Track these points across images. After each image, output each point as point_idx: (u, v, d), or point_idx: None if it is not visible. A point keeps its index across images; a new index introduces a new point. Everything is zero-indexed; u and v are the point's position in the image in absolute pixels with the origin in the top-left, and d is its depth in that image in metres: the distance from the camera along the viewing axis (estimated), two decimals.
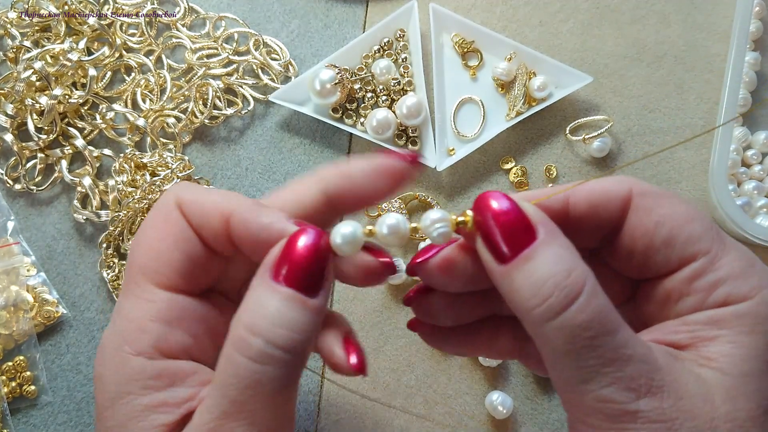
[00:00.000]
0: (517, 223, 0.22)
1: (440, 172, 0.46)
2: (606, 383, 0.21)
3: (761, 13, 0.49)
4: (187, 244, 0.25)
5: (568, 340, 0.21)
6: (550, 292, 0.21)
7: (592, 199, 0.25)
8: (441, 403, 0.43)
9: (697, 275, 0.23)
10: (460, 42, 0.48)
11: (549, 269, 0.21)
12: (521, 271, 0.21)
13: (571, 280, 0.21)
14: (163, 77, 0.47)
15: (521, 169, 0.47)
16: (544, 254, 0.21)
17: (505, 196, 0.23)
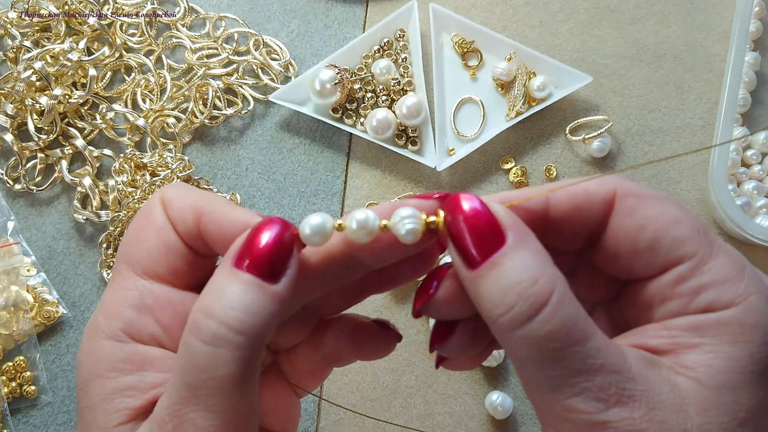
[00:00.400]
0: (486, 226, 0.21)
1: (440, 172, 0.46)
2: (573, 393, 0.20)
3: (761, 13, 0.49)
4: (166, 235, 0.25)
5: (534, 350, 0.20)
6: (515, 302, 0.20)
7: (573, 200, 0.24)
8: (441, 403, 0.44)
9: (682, 279, 0.23)
10: (460, 42, 0.48)
11: (515, 277, 0.20)
12: (487, 278, 0.21)
13: (536, 288, 0.20)
14: (163, 77, 0.47)
15: (521, 169, 0.47)
16: (511, 261, 0.21)
17: (475, 197, 0.22)
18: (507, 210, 0.22)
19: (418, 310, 0.25)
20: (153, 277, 0.25)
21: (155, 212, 0.25)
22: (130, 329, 0.24)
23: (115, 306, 0.24)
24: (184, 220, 0.25)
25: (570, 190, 0.24)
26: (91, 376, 0.24)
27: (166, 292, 0.25)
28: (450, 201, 0.22)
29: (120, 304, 0.24)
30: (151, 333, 0.25)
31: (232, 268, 0.22)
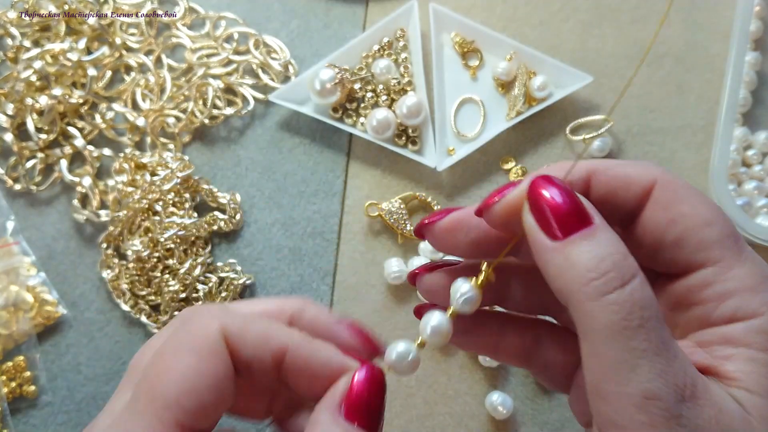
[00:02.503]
0: (574, 207, 0.22)
1: (440, 172, 0.46)
2: (654, 374, 0.20)
3: (761, 12, 0.49)
4: (226, 385, 0.23)
5: (625, 315, 0.20)
6: (610, 268, 0.20)
7: (612, 182, 0.24)
8: (441, 403, 0.43)
9: (707, 284, 0.23)
10: (460, 42, 0.48)
11: (609, 248, 0.21)
12: (580, 245, 0.21)
13: (628, 262, 0.21)
14: (163, 77, 0.47)
15: (521, 169, 0.47)
16: (603, 236, 0.21)
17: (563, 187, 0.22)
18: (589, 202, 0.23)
19: (420, 227, 0.26)
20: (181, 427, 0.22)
21: (217, 352, 0.23)
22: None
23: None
24: (262, 360, 0.24)
25: (612, 172, 0.24)
26: None
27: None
28: (537, 179, 0.23)
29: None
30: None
31: (340, 419, 0.23)
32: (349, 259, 0.46)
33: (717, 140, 0.44)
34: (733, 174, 0.47)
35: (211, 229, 0.45)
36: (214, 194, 0.46)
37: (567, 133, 0.47)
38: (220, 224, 0.45)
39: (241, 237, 0.46)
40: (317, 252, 0.46)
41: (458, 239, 0.26)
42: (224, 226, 0.45)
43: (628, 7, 0.50)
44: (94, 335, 0.44)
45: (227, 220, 0.45)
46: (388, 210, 0.45)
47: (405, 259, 0.45)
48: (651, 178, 0.24)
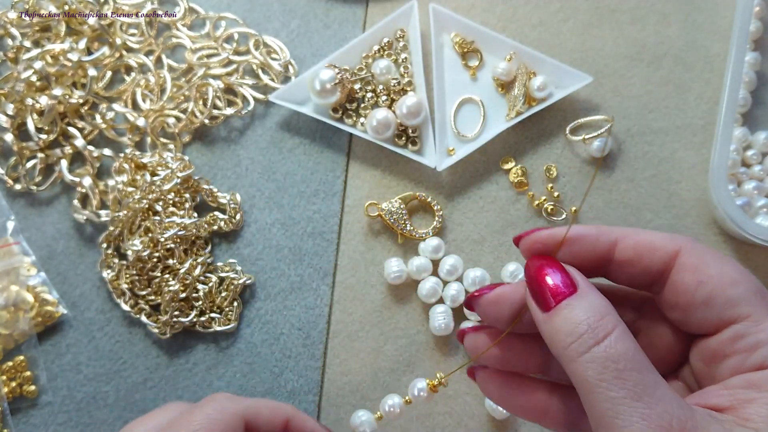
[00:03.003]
0: (562, 280, 0.26)
1: (440, 172, 0.46)
2: (636, 418, 0.22)
3: (761, 13, 0.49)
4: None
5: (599, 370, 0.23)
6: (585, 330, 0.24)
7: (638, 248, 0.27)
8: (441, 403, 0.44)
9: (738, 337, 0.25)
10: (460, 42, 0.48)
11: (584, 313, 0.24)
12: (562, 314, 0.25)
13: (603, 322, 0.24)
14: (163, 77, 0.47)
15: (521, 169, 0.47)
16: (582, 302, 0.25)
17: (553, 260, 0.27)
18: (577, 271, 0.27)
19: (468, 300, 0.31)
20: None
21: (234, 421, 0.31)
22: None
23: None
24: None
25: (636, 239, 0.27)
26: None
27: None
28: (534, 264, 0.27)
29: None
30: None
31: None
32: (349, 259, 0.46)
33: (717, 140, 0.44)
34: (733, 174, 0.47)
35: (211, 229, 0.45)
36: (214, 194, 0.46)
37: (567, 133, 0.47)
38: (220, 224, 0.45)
39: (241, 237, 0.46)
40: (317, 252, 0.46)
41: (502, 312, 0.29)
42: (224, 226, 0.45)
43: (628, 7, 0.50)
44: (94, 335, 0.44)
45: (227, 220, 0.45)
46: (388, 210, 0.45)
47: (405, 259, 0.45)
48: (676, 246, 0.27)
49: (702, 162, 0.47)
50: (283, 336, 0.45)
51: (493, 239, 0.46)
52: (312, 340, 0.44)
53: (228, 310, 0.44)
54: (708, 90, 0.48)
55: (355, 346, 0.44)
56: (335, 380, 0.44)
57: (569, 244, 0.28)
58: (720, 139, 0.44)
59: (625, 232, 0.28)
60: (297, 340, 0.44)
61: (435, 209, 0.46)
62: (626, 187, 0.47)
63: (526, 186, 0.47)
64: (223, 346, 0.44)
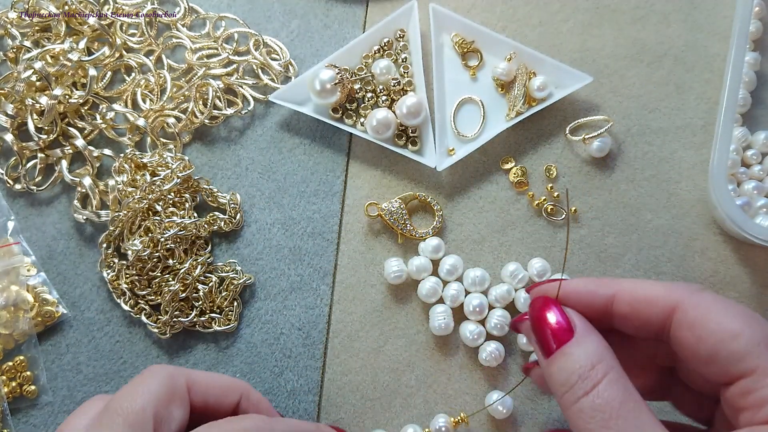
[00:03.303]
0: (560, 326, 0.27)
1: (440, 172, 0.46)
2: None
3: (761, 13, 0.49)
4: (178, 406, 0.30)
5: (587, 420, 0.25)
6: (575, 381, 0.25)
7: (634, 304, 0.28)
8: (441, 403, 0.44)
9: (746, 393, 0.25)
10: (460, 42, 0.48)
11: (577, 363, 0.26)
12: (557, 364, 0.26)
13: (593, 372, 0.25)
14: (163, 77, 0.47)
15: (521, 169, 0.47)
16: (576, 350, 0.26)
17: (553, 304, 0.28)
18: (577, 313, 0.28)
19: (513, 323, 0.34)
20: None
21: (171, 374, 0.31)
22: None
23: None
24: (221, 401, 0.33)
25: (634, 295, 0.28)
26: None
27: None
28: (534, 305, 0.29)
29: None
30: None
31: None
32: (349, 259, 0.46)
33: (716, 140, 0.44)
34: (733, 174, 0.47)
35: (211, 229, 0.45)
36: (214, 194, 0.46)
37: (567, 133, 0.47)
38: (220, 224, 0.45)
39: (241, 237, 0.46)
40: (317, 252, 0.46)
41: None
42: (224, 226, 0.45)
43: (628, 7, 0.50)
44: (94, 335, 0.44)
45: (227, 220, 0.45)
46: (388, 210, 0.45)
47: (405, 258, 0.45)
48: (672, 301, 0.27)
49: (702, 162, 0.47)
50: (283, 336, 0.45)
51: (493, 239, 0.46)
52: (312, 340, 0.44)
53: (228, 310, 0.44)
54: (708, 90, 0.48)
55: (355, 346, 0.44)
56: (335, 380, 0.44)
57: (567, 299, 0.29)
58: (720, 139, 0.44)
59: (623, 285, 0.28)
60: (297, 340, 0.44)
61: (435, 209, 0.46)
62: (626, 187, 0.47)
63: (526, 186, 0.47)
64: (223, 346, 0.44)
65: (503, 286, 0.44)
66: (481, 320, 0.44)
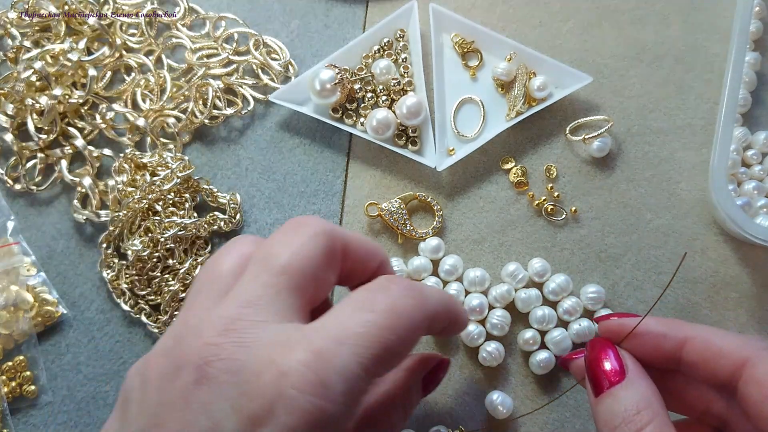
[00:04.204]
0: (614, 369, 0.28)
1: (440, 172, 0.46)
2: None
3: (761, 13, 0.49)
4: (329, 265, 0.27)
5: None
6: (618, 423, 0.26)
7: (705, 354, 0.27)
8: (441, 403, 0.43)
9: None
10: (460, 42, 0.48)
11: (623, 405, 0.26)
12: (605, 403, 0.27)
13: (638, 417, 0.25)
14: (163, 77, 0.47)
15: (521, 169, 0.47)
16: (624, 392, 0.27)
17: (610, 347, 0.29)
18: (632, 357, 0.29)
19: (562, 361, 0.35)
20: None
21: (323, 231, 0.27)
22: None
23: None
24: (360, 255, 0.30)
25: (705, 344, 0.27)
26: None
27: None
28: (593, 347, 0.29)
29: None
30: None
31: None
32: None
33: (717, 140, 0.44)
34: (733, 174, 0.47)
35: (211, 229, 0.45)
36: (214, 194, 0.46)
37: (567, 133, 0.47)
38: (220, 224, 0.45)
39: None
40: None
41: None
42: (224, 226, 0.45)
43: (628, 7, 0.50)
44: (94, 335, 0.44)
45: (227, 220, 0.45)
46: (388, 210, 0.45)
47: (405, 259, 0.45)
48: (744, 355, 0.26)
49: (702, 162, 0.47)
50: None
51: (493, 239, 0.46)
52: None
53: None
54: (708, 90, 0.48)
55: None
56: None
57: (636, 337, 0.29)
58: (720, 139, 0.44)
59: (696, 332, 0.28)
60: None
61: (435, 209, 0.46)
62: (626, 187, 0.47)
63: (526, 186, 0.47)
64: None
65: (503, 286, 0.44)
66: (481, 320, 0.44)
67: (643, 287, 0.45)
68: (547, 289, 0.44)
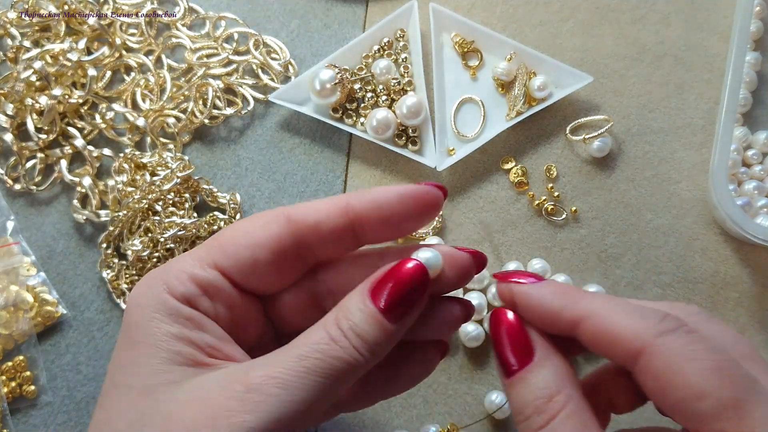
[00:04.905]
0: (519, 343, 0.26)
1: (440, 172, 0.46)
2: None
3: (761, 13, 0.49)
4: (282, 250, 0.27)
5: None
6: (531, 413, 0.24)
7: (598, 338, 0.24)
8: (441, 403, 0.43)
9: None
10: (460, 42, 0.48)
11: (534, 392, 0.24)
12: (515, 388, 0.25)
13: (550, 405, 0.24)
14: (163, 77, 0.47)
15: (521, 169, 0.47)
16: (534, 377, 0.25)
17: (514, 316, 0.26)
18: (539, 332, 0.26)
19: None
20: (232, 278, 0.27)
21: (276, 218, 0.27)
22: (190, 299, 0.27)
23: (184, 274, 0.27)
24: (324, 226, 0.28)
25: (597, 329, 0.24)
26: (149, 317, 0.26)
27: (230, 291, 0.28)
28: (494, 316, 0.27)
29: (189, 275, 0.27)
30: (207, 314, 0.27)
31: (368, 299, 0.25)
32: None
33: (717, 140, 0.44)
34: (733, 174, 0.47)
35: (211, 229, 0.45)
36: (214, 194, 0.46)
37: (567, 133, 0.47)
38: (220, 224, 0.45)
39: None
40: None
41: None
42: (224, 226, 0.45)
43: (628, 7, 0.50)
44: (94, 335, 0.44)
45: (227, 220, 0.45)
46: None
47: None
48: (638, 344, 0.23)
49: (702, 162, 0.47)
50: None
51: (493, 239, 0.46)
52: None
53: None
54: (708, 90, 0.48)
55: None
56: None
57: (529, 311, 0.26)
58: (720, 139, 0.44)
59: (592, 309, 0.25)
60: None
61: None
62: (626, 187, 0.47)
63: (526, 186, 0.47)
64: None
65: None
66: (480, 320, 0.44)
67: (643, 287, 0.45)
68: None
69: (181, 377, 0.25)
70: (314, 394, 0.24)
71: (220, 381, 0.24)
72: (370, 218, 0.27)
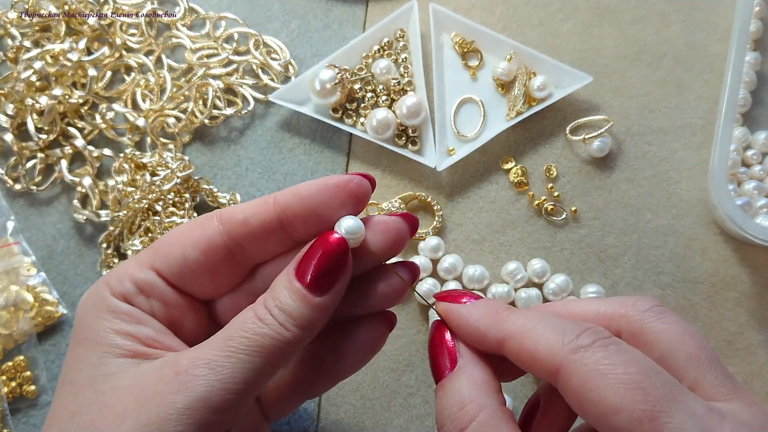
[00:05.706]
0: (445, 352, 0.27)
1: (440, 172, 0.46)
2: None
3: (761, 13, 0.49)
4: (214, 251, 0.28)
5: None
6: (444, 422, 0.25)
7: (520, 357, 0.25)
8: None
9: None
10: (460, 42, 0.48)
11: (449, 401, 0.25)
12: (437, 397, 0.26)
13: (461, 414, 0.24)
14: (163, 77, 0.47)
15: (521, 169, 0.47)
16: (451, 387, 0.25)
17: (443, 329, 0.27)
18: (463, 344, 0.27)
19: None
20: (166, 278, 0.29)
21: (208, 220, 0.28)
22: (128, 297, 0.28)
23: (125, 275, 0.28)
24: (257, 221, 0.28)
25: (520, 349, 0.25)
26: (93, 316, 0.27)
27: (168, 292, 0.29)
28: (432, 330, 0.28)
29: (128, 275, 0.28)
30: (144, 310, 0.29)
31: (291, 275, 0.26)
32: None
33: (717, 140, 0.44)
34: (733, 174, 0.47)
35: None
36: (214, 194, 0.46)
37: (567, 133, 0.47)
38: None
39: None
40: None
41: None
42: None
43: (628, 7, 0.50)
44: None
45: None
46: (388, 210, 0.45)
47: (405, 258, 0.45)
48: (555, 363, 0.23)
49: (702, 162, 0.47)
50: None
51: (492, 239, 0.46)
52: None
53: None
54: (708, 90, 0.48)
55: None
56: None
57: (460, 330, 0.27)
58: (720, 139, 0.44)
59: (512, 330, 0.25)
60: None
61: (435, 209, 0.46)
62: (626, 187, 0.47)
63: (526, 186, 0.47)
64: None
65: (503, 286, 0.44)
66: None
67: (643, 287, 0.45)
68: (547, 289, 0.44)
69: (121, 368, 0.26)
70: (243, 373, 0.25)
71: (154, 369, 0.25)
72: (295, 210, 0.27)
